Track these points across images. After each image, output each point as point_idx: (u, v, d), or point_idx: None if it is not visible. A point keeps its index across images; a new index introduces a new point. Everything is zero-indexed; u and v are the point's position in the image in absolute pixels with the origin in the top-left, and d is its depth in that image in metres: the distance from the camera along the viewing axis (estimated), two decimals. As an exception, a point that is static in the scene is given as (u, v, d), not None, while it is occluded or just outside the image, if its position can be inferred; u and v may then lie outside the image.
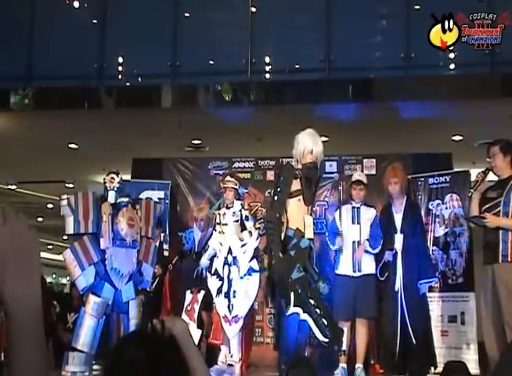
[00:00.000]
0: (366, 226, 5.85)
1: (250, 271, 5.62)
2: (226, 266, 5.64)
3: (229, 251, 5.66)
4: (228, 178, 5.97)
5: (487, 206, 4.92)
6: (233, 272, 5.60)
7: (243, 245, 5.66)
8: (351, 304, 5.70)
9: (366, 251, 5.76)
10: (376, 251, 5.78)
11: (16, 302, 1.03)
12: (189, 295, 6.21)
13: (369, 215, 5.90)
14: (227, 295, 5.59)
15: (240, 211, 5.83)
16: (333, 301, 6.14)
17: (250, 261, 5.65)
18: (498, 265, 4.74)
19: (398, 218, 5.80)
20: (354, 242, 5.81)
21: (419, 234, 5.87)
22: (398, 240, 5.72)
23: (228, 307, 5.56)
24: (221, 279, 5.65)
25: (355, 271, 5.74)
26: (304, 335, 5.56)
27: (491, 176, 5.14)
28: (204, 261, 6.09)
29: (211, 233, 6.21)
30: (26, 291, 1.04)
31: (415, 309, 5.60)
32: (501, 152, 4.92)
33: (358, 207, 5.94)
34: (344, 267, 5.79)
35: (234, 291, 5.57)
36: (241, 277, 5.60)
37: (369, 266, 5.79)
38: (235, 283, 5.58)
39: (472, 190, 5.03)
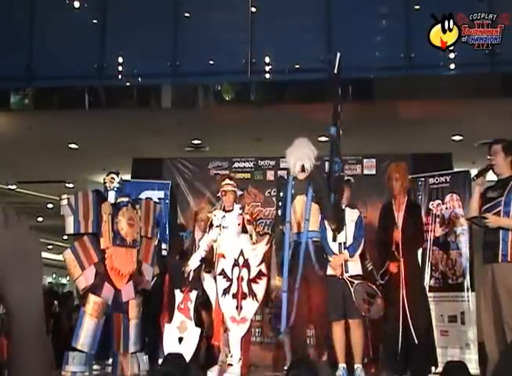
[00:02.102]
0: (351, 227, 5.86)
1: (260, 274, 5.62)
2: (236, 268, 5.62)
3: (241, 253, 5.64)
4: (227, 181, 5.94)
5: (487, 206, 4.91)
6: (243, 274, 5.59)
7: (254, 248, 5.65)
8: (342, 303, 5.69)
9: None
10: (356, 255, 5.80)
11: (18, 305, 1.03)
12: (179, 294, 6.17)
13: (353, 216, 5.92)
14: (235, 296, 5.57)
15: (241, 214, 5.82)
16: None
17: (259, 264, 5.64)
18: (498, 264, 4.73)
19: (399, 217, 5.79)
20: (340, 243, 5.82)
21: (416, 234, 5.87)
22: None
23: (237, 308, 5.55)
24: (229, 280, 5.63)
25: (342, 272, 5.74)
26: None
27: (490, 176, 5.14)
28: (194, 261, 6.04)
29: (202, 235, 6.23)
30: (28, 293, 1.04)
31: (416, 309, 5.60)
32: (503, 151, 4.93)
33: (343, 209, 5.95)
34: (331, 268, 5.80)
35: (243, 293, 5.56)
36: (251, 279, 5.59)
37: (355, 267, 5.80)
38: (244, 285, 5.57)
39: (475, 177, 5.03)
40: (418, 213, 6.08)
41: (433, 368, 5.75)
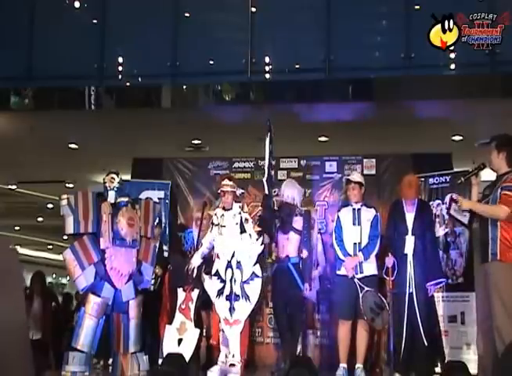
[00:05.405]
0: (367, 227, 5.84)
1: (253, 276, 5.62)
2: (229, 269, 5.63)
3: (233, 255, 5.65)
4: (226, 181, 5.93)
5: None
6: (236, 276, 5.60)
7: (247, 250, 5.64)
8: (353, 304, 5.69)
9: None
10: (371, 256, 5.78)
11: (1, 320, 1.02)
12: (181, 293, 6.17)
13: (369, 215, 5.89)
14: (228, 298, 5.58)
15: (240, 213, 5.82)
16: (335, 301, 6.15)
17: (253, 265, 5.64)
18: (488, 264, 4.68)
19: (409, 219, 5.75)
20: (355, 244, 5.80)
21: (430, 235, 5.82)
22: (409, 241, 5.68)
23: (230, 310, 5.55)
24: (223, 281, 5.63)
25: (356, 272, 5.72)
26: None
27: (488, 175, 5.15)
28: (197, 259, 6.03)
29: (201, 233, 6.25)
30: (8, 308, 1.02)
31: (424, 311, 5.58)
32: (495, 148, 4.94)
33: (358, 209, 5.92)
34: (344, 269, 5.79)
35: (236, 295, 5.56)
36: (244, 281, 5.59)
37: (370, 267, 5.79)
38: (237, 286, 5.58)
39: (462, 178, 5.05)
40: (430, 214, 6.05)
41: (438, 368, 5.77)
